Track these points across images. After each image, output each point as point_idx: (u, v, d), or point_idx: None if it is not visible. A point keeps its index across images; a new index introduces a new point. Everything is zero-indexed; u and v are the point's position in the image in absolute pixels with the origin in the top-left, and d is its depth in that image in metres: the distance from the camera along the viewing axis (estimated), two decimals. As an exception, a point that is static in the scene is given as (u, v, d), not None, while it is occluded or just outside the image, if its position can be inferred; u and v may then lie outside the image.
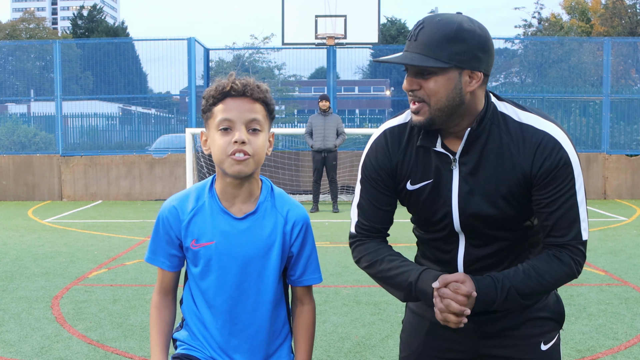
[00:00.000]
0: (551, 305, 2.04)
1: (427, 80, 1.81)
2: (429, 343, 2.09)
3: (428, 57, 1.78)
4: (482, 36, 1.81)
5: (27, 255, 7.75)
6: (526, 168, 1.84)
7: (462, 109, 1.83)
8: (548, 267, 1.85)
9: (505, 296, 1.82)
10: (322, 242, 8.61)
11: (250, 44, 18.13)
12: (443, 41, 1.77)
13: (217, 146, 1.86)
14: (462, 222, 1.92)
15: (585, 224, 1.86)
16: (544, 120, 1.87)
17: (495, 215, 1.89)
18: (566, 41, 16.65)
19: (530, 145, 1.83)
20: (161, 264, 2.02)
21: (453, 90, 1.80)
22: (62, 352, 4.42)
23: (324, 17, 13.88)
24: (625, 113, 14.42)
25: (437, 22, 1.80)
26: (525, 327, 2.01)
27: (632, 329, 4.88)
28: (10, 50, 15.94)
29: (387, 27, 39.21)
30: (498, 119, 1.88)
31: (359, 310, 5.37)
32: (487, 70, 1.85)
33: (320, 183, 12.00)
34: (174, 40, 14.46)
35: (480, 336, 2.03)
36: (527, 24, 32.97)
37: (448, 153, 1.90)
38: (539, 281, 1.85)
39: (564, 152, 1.82)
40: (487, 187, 1.88)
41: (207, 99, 1.91)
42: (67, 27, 66.87)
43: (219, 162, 1.87)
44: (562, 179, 1.82)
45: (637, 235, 9.08)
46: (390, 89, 19.18)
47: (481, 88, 1.86)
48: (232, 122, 1.84)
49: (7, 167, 14.10)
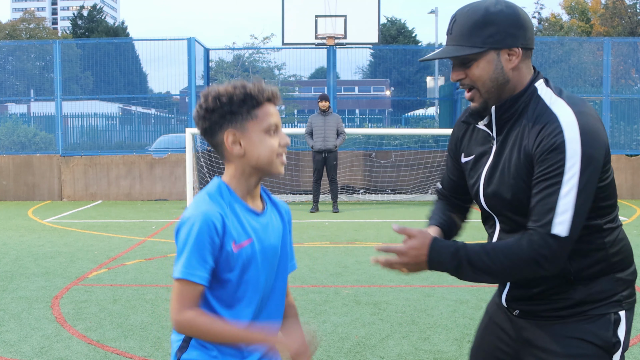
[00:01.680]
0: (596, 329, 1.90)
1: (470, 68, 1.92)
2: (485, 337, 2.19)
3: (463, 47, 1.89)
4: (511, 14, 1.89)
5: (27, 255, 7.75)
6: (529, 147, 1.85)
7: (509, 86, 1.91)
8: (507, 249, 1.83)
9: (457, 265, 1.86)
10: (322, 242, 8.61)
11: (250, 44, 18.15)
12: (474, 28, 1.88)
13: (267, 147, 1.91)
14: (486, 201, 2.00)
15: (562, 218, 1.76)
16: (564, 105, 1.85)
17: (510, 196, 1.90)
18: (566, 41, 16.66)
19: (539, 125, 1.85)
20: (201, 279, 1.85)
21: (495, 71, 1.89)
22: (62, 352, 4.42)
23: (324, 17, 13.88)
24: (625, 113, 14.42)
25: (467, 11, 1.91)
26: (560, 343, 1.92)
27: (632, 329, 4.87)
28: (10, 50, 15.94)
29: (387, 27, 39.18)
30: (532, 101, 1.91)
31: (359, 310, 5.37)
32: (525, 44, 1.91)
33: (321, 183, 12.00)
34: (174, 40, 14.47)
35: (521, 342, 2.03)
36: (527, 24, 32.92)
37: (489, 131, 1.99)
38: (494, 259, 1.83)
39: (560, 137, 1.78)
40: (504, 168, 1.92)
41: (246, 100, 1.90)
42: (67, 27, 66.86)
43: (266, 162, 1.92)
44: (551, 163, 1.78)
45: (637, 235, 9.08)
46: (390, 89, 19.18)
47: (524, 62, 1.92)
48: (277, 126, 1.94)
49: (7, 167, 14.11)
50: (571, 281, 1.91)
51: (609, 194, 1.90)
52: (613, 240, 1.93)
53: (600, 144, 1.80)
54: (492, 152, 1.97)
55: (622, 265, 1.95)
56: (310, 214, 11.49)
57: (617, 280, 1.93)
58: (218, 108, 1.90)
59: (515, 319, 2.05)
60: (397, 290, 6.01)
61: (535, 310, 1.98)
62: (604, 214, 1.91)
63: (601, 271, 1.92)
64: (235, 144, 1.91)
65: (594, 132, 1.80)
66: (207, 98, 1.91)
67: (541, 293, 1.95)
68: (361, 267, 6.92)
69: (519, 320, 2.03)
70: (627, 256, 1.97)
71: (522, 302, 2.00)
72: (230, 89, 1.90)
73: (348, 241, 8.52)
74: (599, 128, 1.82)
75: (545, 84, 1.94)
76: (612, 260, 1.92)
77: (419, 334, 4.77)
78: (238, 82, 1.92)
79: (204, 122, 1.93)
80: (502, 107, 1.93)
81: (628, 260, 1.98)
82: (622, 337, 1.92)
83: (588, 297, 1.91)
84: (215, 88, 1.93)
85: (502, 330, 2.10)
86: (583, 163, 1.76)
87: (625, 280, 1.95)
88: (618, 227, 1.97)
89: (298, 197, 13.59)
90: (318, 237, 9.02)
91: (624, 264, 1.96)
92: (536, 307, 1.97)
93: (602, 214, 1.90)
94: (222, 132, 1.91)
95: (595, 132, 1.80)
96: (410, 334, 4.77)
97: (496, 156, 1.95)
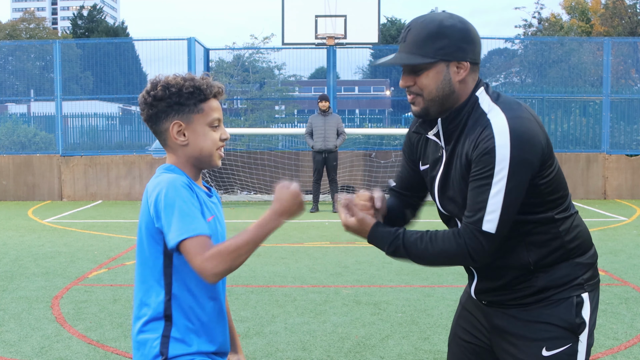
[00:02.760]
0: (560, 312, 2.01)
1: (419, 76, 2.00)
2: (459, 325, 2.29)
3: (416, 55, 1.97)
4: (462, 29, 1.98)
5: (27, 255, 7.75)
6: (469, 152, 1.96)
7: (453, 97, 2.00)
8: (442, 239, 1.97)
9: (394, 250, 2.03)
10: (322, 242, 8.61)
11: (250, 44, 18.09)
12: (427, 39, 1.96)
13: (209, 140, 2.00)
14: (443, 206, 2.11)
15: (492, 216, 1.90)
16: (499, 112, 1.95)
17: (462, 200, 2.01)
18: (566, 41, 16.65)
19: (476, 131, 1.96)
20: (203, 230, 1.84)
21: (442, 82, 1.98)
22: (62, 352, 4.42)
23: (324, 17, 13.88)
24: (625, 113, 14.41)
25: (421, 22, 2.00)
26: (528, 328, 2.03)
27: (632, 329, 4.88)
28: (10, 50, 15.94)
29: (387, 27, 39.20)
30: (474, 110, 2.01)
31: (359, 310, 5.37)
32: (473, 59, 2.01)
33: (321, 183, 12.00)
34: (174, 40, 14.46)
35: (492, 327, 2.14)
36: (527, 24, 32.94)
37: (437, 140, 2.08)
38: (428, 247, 1.98)
39: (492, 142, 1.89)
40: (454, 175, 2.03)
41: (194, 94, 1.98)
42: (67, 27, 66.86)
43: (207, 154, 2.01)
44: (483, 165, 1.90)
45: (637, 235, 9.08)
46: (390, 89, 19.19)
47: (471, 76, 2.02)
48: (220, 120, 2.04)
49: (7, 167, 14.10)
50: (532, 271, 2.03)
51: (555, 188, 2.01)
52: (568, 228, 2.04)
53: (532, 147, 1.90)
54: (443, 160, 2.07)
55: (580, 250, 2.06)
56: (310, 214, 11.49)
57: (577, 264, 2.05)
58: (166, 97, 1.97)
59: (485, 308, 2.16)
60: (397, 290, 6.01)
61: (501, 300, 2.09)
62: (554, 207, 2.02)
63: (560, 258, 2.03)
64: (180, 134, 1.99)
65: (526, 136, 1.90)
66: (156, 86, 1.98)
67: (506, 284, 2.06)
68: (361, 267, 6.92)
69: (489, 309, 2.15)
70: (584, 241, 2.08)
71: (489, 294, 2.12)
72: (180, 81, 1.98)
73: (348, 241, 8.53)
74: (532, 130, 1.91)
75: (485, 91, 2.04)
76: (569, 246, 2.04)
77: (419, 334, 4.77)
78: (187, 75, 2.01)
79: (150, 109, 1.99)
80: (448, 119, 2.02)
81: (586, 244, 2.09)
82: (587, 318, 2.03)
83: (549, 283, 2.02)
84: (164, 77, 1.99)
85: (475, 319, 2.21)
86: (512, 167, 1.88)
87: (585, 264, 2.06)
88: (572, 215, 2.08)
89: (298, 197, 13.57)
90: (318, 237, 9.02)
91: (582, 248, 2.07)
92: (502, 297, 2.08)
93: (552, 206, 2.01)
94: (167, 121, 1.98)
95: (528, 135, 1.90)
96: (410, 334, 4.77)
97: (446, 165, 2.06)
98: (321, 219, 10.83)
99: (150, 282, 1.94)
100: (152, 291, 1.94)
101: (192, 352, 1.93)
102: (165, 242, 1.87)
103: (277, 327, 4.94)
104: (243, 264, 1.87)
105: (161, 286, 1.93)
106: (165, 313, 1.92)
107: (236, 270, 2.39)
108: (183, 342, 1.93)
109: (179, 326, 1.93)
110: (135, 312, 1.98)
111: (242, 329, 4.89)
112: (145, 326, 1.94)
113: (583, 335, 2.03)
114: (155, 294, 1.93)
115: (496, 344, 2.13)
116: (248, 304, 5.56)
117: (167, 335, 1.92)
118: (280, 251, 7.88)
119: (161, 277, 1.93)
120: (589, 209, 12.01)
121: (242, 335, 4.74)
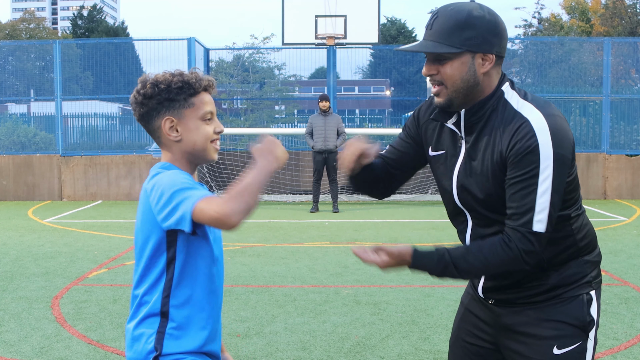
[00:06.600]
0: (572, 310, 2.02)
1: (443, 65, 1.96)
2: (462, 327, 2.26)
3: (442, 44, 1.93)
4: (491, 21, 1.95)
5: (27, 255, 7.75)
6: (503, 150, 1.93)
7: (477, 89, 1.98)
8: (492, 248, 1.93)
9: (442, 268, 1.95)
10: (322, 242, 8.61)
11: (250, 44, 18.10)
12: (455, 28, 1.93)
13: (202, 134, 1.99)
14: (460, 197, 2.06)
15: (541, 216, 1.88)
16: (534, 109, 1.93)
17: (483, 195, 1.99)
18: (566, 41, 16.65)
19: (511, 129, 1.93)
20: (209, 193, 1.85)
21: (467, 73, 1.95)
22: (62, 352, 4.42)
23: (324, 17, 13.88)
24: (625, 113, 14.41)
25: (450, 10, 1.95)
26: (539, 327, 2.03)
27: (632, 329, 4.88)
28: (10, 50, 15.93)
29: (387, 27, 39.19)
30: (500, 105, 1.99)
31: (359, 310, 5.37)
32: (499, 52, 1.98)
33: (321, 183, 12.00)
34: (174, 40, 14.45)
35: (500, 327, 2.12)
36: (527, 24, 32.93)
37: (457, 130, 2.05)
38: (479, 259, 1.93)
39: (534, 140, 1.87)
40: (477, 168, 2.00)
41: (183, 88, 1.97)
42: (67, 27, 66.84)
43: (201, 148, 2.00)
44: (526, 164, 1.88)
45: (637, 235, 9.08)
46: (390, 89, 19.19)
47: (495, 69, 1.99)
48: (212, 113, 2.02)
49: (7, 167, 14.10)
50: (544, 268, 2.02)
51: (574, 186, 2.02)
52: (579, 226, 2.06)
53: (568, 143, 1.92)
54: (462, 151, 2.04)
55: (589, 248, 2.08)
56: (310, 214, 11.49)
57: (586, 262, 2.06)
58: (156, 94, 1.96)
59: (492, 307, 2.14)
60: (397, 290, 6.01)
61: (511, 298, 2.08)
62: (572, 204, 2.03)
63: (571, 256, 2.04)
64: (172, 130, 1.99)
65: (563, 133, 1.91)
66: (145, 84, 1.97)
67: (516, 282, 2.05)
68: (361, 267, 6.92)
69: (496, 308, 2.12)
70: (592, 239, 2.10)
71: (498, 292, 2.10)
72: (169, 77, 1.98)
73: (348, 241, 8.53)
74: (566, 128, 1.93)
75: (510, 86, 2.03)
76: (580, 244, 2.05)
77: (419, 334, 4.77)
78: (176, 71, 2.01)
79: (142, 108, 1.99)
80: (471, 110, 2.00)
81: (593, 243, 2.11)
82: (595, 315, 2.05)
83: (561, 281, 2.03)
84: (153, 75, 1.99)
85: (478, 319, 2.19)
86: (555, 164, 1.88)
87: (593, 262, 2.09)
88: (582, 213, 2.10)
89: (298, 197, 13.59)
90: (318, 237, 9.02)
91: (590, 246, 2.09)
92: (512, 295, 2.07)
93: (570, 204, 2.02)
94: (159, 118, 1.98)
95: (564, 132, 1.91)
96: (410, 334, 4.77)
97: (467, 156, 2.03)
98: (321, 219, 10.83)
99: (148, 279, 1.95)
100: (150, 288, 1.95)
101: (186, 350, 1.93)
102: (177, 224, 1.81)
103: (277, 327, 4.94)
104: (243, 264, 1.87)
105: (159, 283, 1.94)
106: (162, 310, 1.93)
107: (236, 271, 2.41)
108: (178, 339, 1.93)
109: (174, 323, 1.93)
110: (132, 309, 2.00)
111: (242, 329, 4.90)
112: (141, 322, 1.95)
113: (592, 333, 2.04)
114: (153, 291, 1.94)
115: (503, 344, 2.11)
116: (248, 304, 5.56)
117: (163, 332, 1.93)
118: (280, 251, 7.88)
119: (159, 275, 1.94)
120: (589, 209, 12.01)
121: (242, 335, 4.74)
